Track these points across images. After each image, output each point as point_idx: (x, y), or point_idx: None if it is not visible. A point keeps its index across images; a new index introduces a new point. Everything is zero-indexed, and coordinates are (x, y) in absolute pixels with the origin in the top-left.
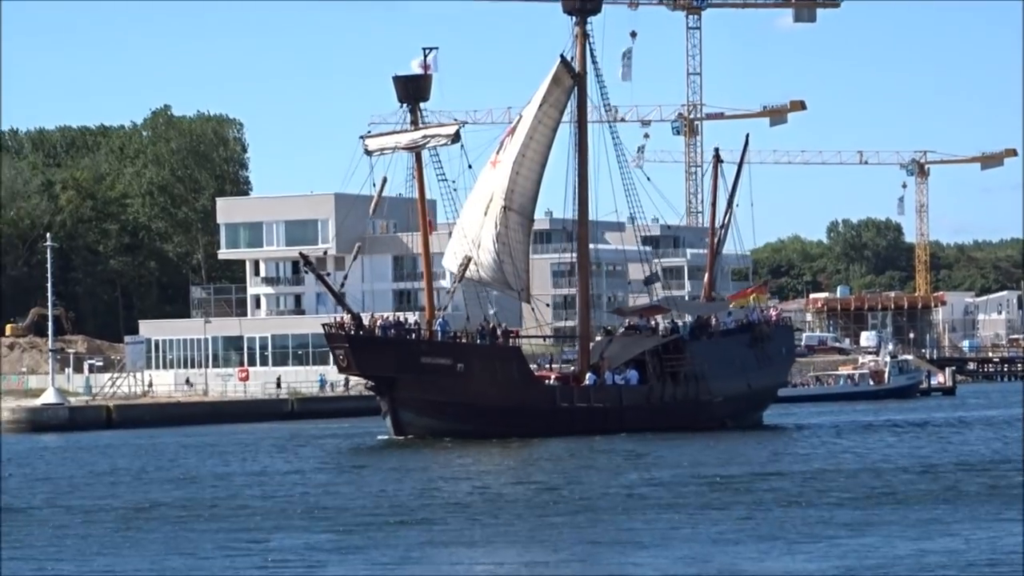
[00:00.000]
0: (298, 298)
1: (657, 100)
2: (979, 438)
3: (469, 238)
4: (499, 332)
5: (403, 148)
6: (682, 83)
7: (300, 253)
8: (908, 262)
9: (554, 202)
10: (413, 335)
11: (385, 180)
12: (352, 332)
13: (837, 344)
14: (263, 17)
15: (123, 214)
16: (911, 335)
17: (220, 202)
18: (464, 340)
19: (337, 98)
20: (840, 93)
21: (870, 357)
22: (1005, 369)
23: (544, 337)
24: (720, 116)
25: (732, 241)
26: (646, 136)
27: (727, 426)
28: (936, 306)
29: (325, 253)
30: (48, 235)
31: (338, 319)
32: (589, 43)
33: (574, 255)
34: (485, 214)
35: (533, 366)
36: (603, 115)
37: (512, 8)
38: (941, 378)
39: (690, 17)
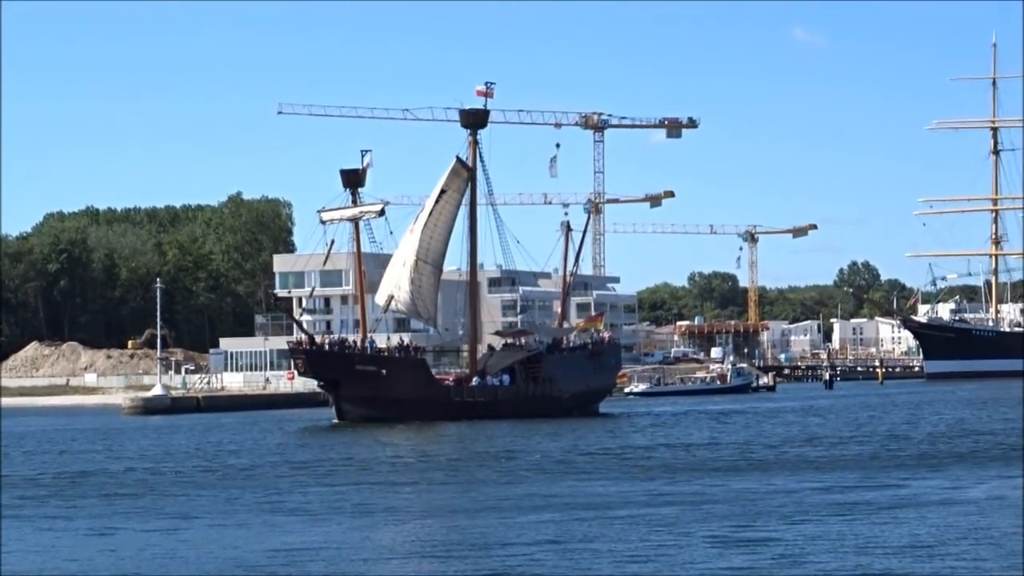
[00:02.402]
0: (328, 323)
1: (573, 189)
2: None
3: (392, 282)
4: (410, 348)
5: (346, 219)
6: (590, 177)
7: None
8: (743, 300)
9: (486, 257)
10: (349, 350)
11: (333, 242)
12: (307, 347)
13: (695, 356)
14: (291, 127)
15: (209, 265)
16: (745, 350)
17: (276, 258)
18: (386, 354)
19: (325, 184)
20: (698, 185)
21: (717, 365)
22: (809, 373)
23: (442, 351)
24: (616, 200)
25: (625, 286)
26: (565, 214)
27: (572, 414)
28: (762, 330)
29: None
30: (158, 279)
31: (300, 339)
32: (479, 148)
33: (515, 293)
34: (403, 266)
35: (434, 370)
36: (488, 199)
37: (426, 125)
38: (766, 379)
39: (596, 133)
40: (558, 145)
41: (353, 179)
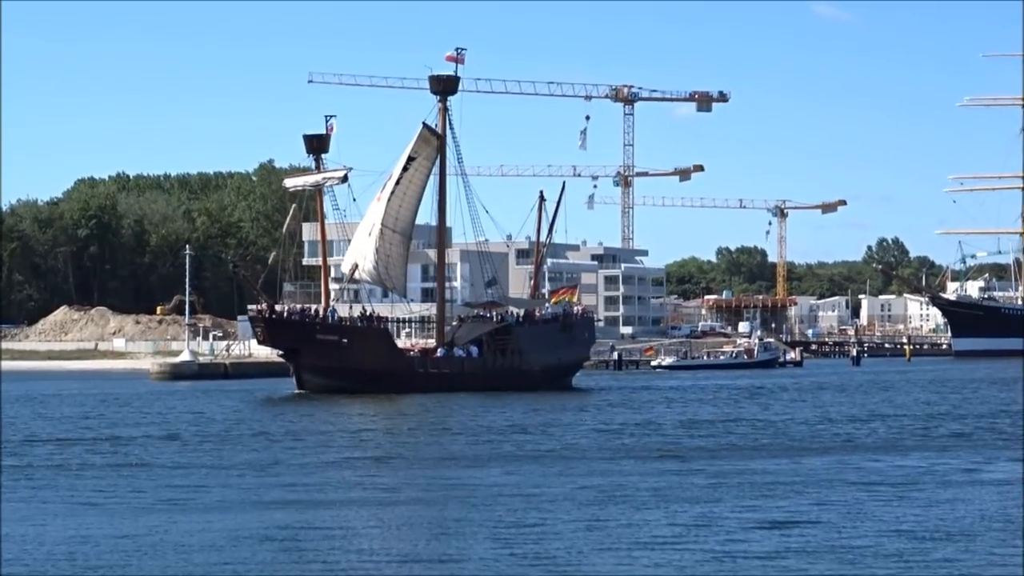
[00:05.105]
0: (356, 292)
1: (603, 161)
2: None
3: (357, 251)
4: (373, 317)
5: (308, 186)
6: (620, 150)
7: (230, 259)
8: (771, 275)
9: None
10: (309, 319)
11: (295, 207)
12: (267, 316)
13: (722, 330)
14: (322, 96)
15: (239, 233)
16: (773, 325)
17: (304, 225)
18: (347, 323)
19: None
20: (727, 159)
21: (744, 339)
22: (837, 349)
23: (408, 321)
24: (645, 174)
25: (653, 259)
26: (595, 186)
27: (542, 388)
28: (790, 306)
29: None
30: (187, 246)
31: (260, 307)
32: (448, 115)
33: (543, 265)
34: (369, 234)
35: (398, 341)
36: (457, 168)
37: (395, 92)
38: (793, 355)
39: (626, 106)
40: (588, 118)
41: (317, 145)
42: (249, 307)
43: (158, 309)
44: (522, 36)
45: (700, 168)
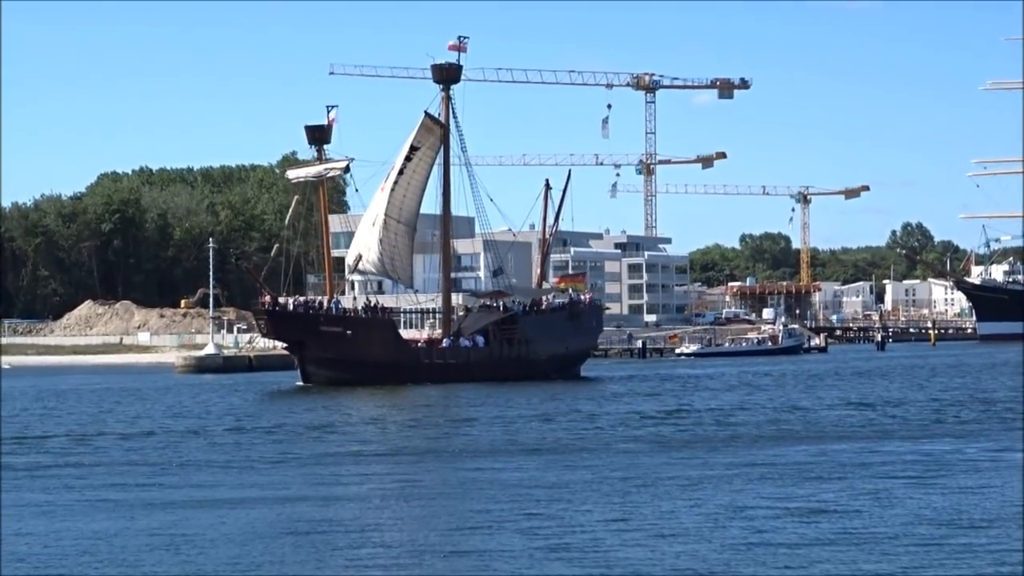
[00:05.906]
0: (380, 283)
1: (625, 150)
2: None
3: (361, 241)
4: (378, 308)
5: (311, 177)
6: (642, 138)
7: (233, 254)
8: (794, 261)
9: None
10: (313, 310)
11: (297, 198)
12: (271, 308)
13: (746, 317)
14: (344, 87)
15: (262, 225)
16: (797, 311)
17: (330, 217)
18: (352, 314)
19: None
20: (750, 146)
21: (769, 326)
22: (861, 335)
23: (415, 312)
24: (668, 162)
25: (676, 247)
26: (617, 175)
27: (550, 377)
28: (814, 292)
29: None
30: (211, 239)
31: (264, 299)
32: (451, 104)
33: (567, 254)
34: (373, 225)
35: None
36: (461, 157)
37: (397, 82)
38: (817, 341)
39: (647, 94)
40: (609, 106)
41: (319, 135)
42: (262, 299)
43: (182, 302)
44: (544, 25)
45: (722, 155)
